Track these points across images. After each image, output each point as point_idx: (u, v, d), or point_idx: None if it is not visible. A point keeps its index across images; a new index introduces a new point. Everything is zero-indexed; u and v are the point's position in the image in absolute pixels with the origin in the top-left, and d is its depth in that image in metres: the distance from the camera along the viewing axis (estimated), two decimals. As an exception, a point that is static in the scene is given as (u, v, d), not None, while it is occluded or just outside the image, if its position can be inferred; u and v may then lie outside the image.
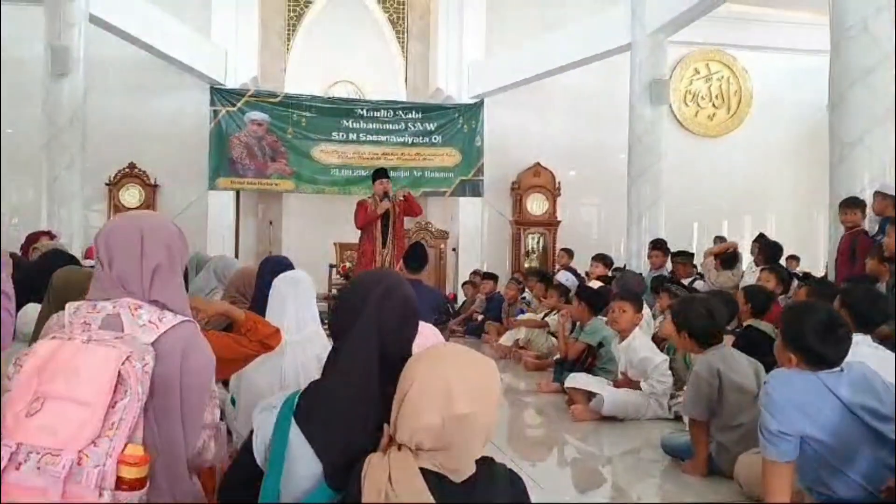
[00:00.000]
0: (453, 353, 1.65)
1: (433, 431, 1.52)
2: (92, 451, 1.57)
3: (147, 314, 1.77)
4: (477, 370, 1.60)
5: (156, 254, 1.83)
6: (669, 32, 9.71)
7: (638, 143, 9.78)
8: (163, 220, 1.95)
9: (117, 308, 1.76)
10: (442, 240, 12.28)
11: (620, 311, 5.07)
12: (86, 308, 1.78)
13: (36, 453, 1.56)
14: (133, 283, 1.80)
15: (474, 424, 1.53)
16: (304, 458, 1.70)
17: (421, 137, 12.48)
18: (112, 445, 1.58)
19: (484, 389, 1.57)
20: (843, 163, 6.11)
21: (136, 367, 1.62)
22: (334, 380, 1.76)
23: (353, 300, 1.81)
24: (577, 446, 4.55)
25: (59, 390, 1.60)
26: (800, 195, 13.53)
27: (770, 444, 2.61)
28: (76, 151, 8.75)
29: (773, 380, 2.70)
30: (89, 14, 8.86)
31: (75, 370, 1.61)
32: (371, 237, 7.88)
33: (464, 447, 1.54)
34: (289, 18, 13.21)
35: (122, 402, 1.61)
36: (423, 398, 1.53)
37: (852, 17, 6.04)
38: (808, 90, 12.95)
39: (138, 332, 1.73)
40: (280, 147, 12.09)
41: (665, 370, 4.87)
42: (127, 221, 1.90)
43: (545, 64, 11.54)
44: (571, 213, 13.20)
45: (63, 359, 1.63)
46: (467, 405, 1.52)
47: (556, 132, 13.01)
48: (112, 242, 1.83)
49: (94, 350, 1.64)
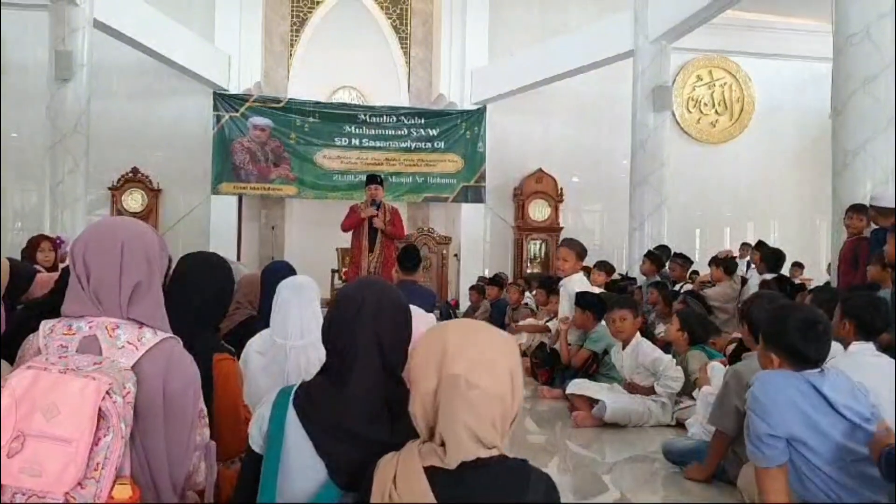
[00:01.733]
0: (459, 322, 1.63)
1: (431, 396, 1.47)
2: (79, 493, 1.51)
3: (125, 334, 1.69)
4: (482, 338, 1.52)
5: (136, 269, 1.74)
6: (672, 39, 9.72)
7: (640, 149, 9.78)
8: (143, 229, 1.84)
9: (94, 329, 1.68)
10: (444, 245, 12.27)
11: (622, 319, 5.06)
12: (61, 328, 1.70)
13: (22, 494, 1.52)
14: (110, 300, 1.71)
15: (471, 392, 1.43)
16: (300, 448, 1.73)
17: (423, 143, 12.50)
18: (100, 487, 1.52)
19: (488, 359, 1.48)
20: (846, 170, 6.10)
21: (116, 401, 1.54)
22: (341, 389, 1.76)
23: (345, 316, 1.81)
24: (579, 453, 4.54)
25: (38, 428, 1.51)
26: (802, 202, 13.53)
27: (759, 450, 2.60)
28: (80, 156, 8.79)
29: (759, 382, 2.68)
30: (93, 19, 8.90)
31: (54, 405, 1.51)
32: (358, 242, 7.82)
33: (456, 417, 1.43)
34: (292, 24, 13.25)
35: (106, 439, 1.53)
36: (424, 362, 1.50)
37: (855, 24, 6.03)
38: (810, 97, 12.99)
39: (117, 354, 1.65)
40: (283, 152, 12.10)
41: (675, 368, 4.88)
42: (106, 232, 1.77)
43: (548, 70, 11.54)
44: (574, 219, 13.20)
45: (40, 392, 1.53)
46: (463, 367, 1.45)
47: (559, 138, 13.03)
48: (90, 257, 1.72)
49: (71, 382, 1.54)
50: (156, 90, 12.03)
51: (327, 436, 1.72)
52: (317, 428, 1.73)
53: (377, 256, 7.75)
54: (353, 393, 1.74)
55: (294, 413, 1.75)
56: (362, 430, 1.70)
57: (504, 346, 1.53)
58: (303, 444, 1.73)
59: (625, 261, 11.01)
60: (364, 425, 1.71)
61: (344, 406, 1.73)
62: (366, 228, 7.74)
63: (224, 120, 11.85)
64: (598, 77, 11.85)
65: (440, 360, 1.47)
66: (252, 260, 12.11)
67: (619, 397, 4.91)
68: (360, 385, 1.75)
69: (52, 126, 8.70)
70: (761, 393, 2.63)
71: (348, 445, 1.70)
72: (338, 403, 1.74)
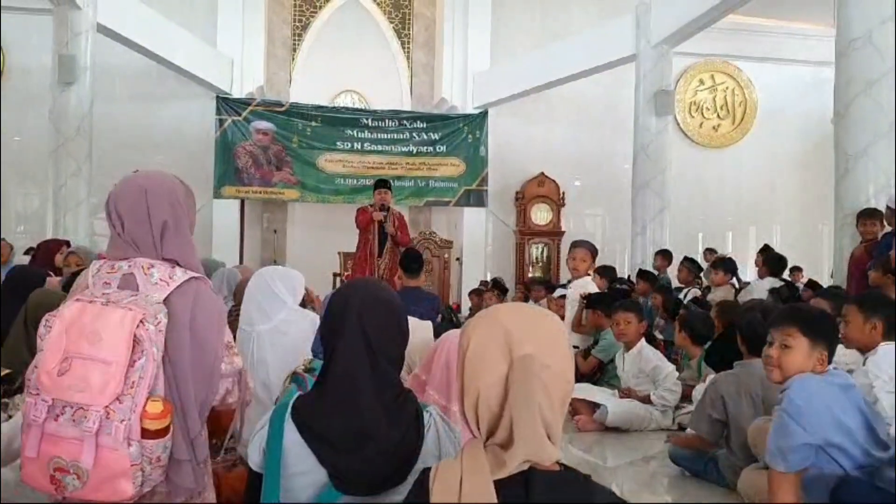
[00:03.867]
0: (508, 305, 1.52)
1: (499, 385, 1.35)
2: (117, 407, 1.75)
3: (158, 272, 1.92)
4: (537, 317, 1.44)
5: (161, 212, 1.96)
6: (674, 43, 9.72)
7: (642, 153, 9.79)
8: (166, 178, 2.07)
9: (132, 268, 1.92)
10: (446, 249, 12.26)
11: (626, 322, 5.05)
12: (105, 268, 1.95)
13: (70, 407, 1.77)
14: (144, 242, 1.95)
15: (545, 372, 1.34)
16: (301, 459, 1.74)
17: (425, 147, 12.51)
18: (135, 402, 1.76)
19: (548, 335, 1.40)
20: (848, 174, 6.10)
21: (149, 329, 1.79)
22: (331, 388, 1.78)
23: (333, 314, 1.84)
24: (581, 457, 4.53)
25: (84, 351, 1.78)
26: (804, 206, 13.51)
27: (784, 456, 2.57)
28: (83, 159, 8.78)
29: (796, 387, 2.63)
30: (97, 23, 8.89)
31: (97, 332, 1.78)
32: (367, 245, 7.83)
33: (532, 401, 1.32)
34: (295, 28, 13.26)
35: (140, 361, 1.78)
36: (485, 350, 1.38)
37: (857, 28, 6.04)
38: (812, 101, 12.98)
39: (151, 289, 1.89)
40: (285, 156, 12.12)
41: (675, 380, 4.87)
42: (131, 183, 2.01)
43: (550, 74, 11.54)
44: (576, 223, 13.18)
45: (86, 321, 1.80)
46: (532, 347, 1.35)
47: (561, 142, 13.03)
48: (120, 207, 1.96)
49: (112, 312, 1.80)
50: (158, 94, 12.04)
51: (326, 444, 1.73)
52: (316, 437, 1.74)
53: (385, 262, 7.76)
54: (344, 394, 1.75)
55: (292, 425, 1.76)
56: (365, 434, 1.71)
57: (557, 322, 1.47)
58: (303, 453, 1.75)
59: (627, 265, 11.00)
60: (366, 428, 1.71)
61: (339, 411, 1.74)
62: (375, 233, 7.75)
63: (227, 124, 11.88)
64: (600, 81, 11.86)
65: (505, 343, 1.37)
66: (254, 264, 12.08)
67: (620, 402, 4.91)
68: (349, 383, 1.75)
69: (55, 129, 8.70)
70: (801, 398, 2.59)
71: (348, 452, 1.70)
72: (333, 409, 1.75)
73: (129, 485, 1.76)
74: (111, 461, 1.75)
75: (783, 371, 2.74)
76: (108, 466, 1.75)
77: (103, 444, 1.75)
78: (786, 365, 2.72)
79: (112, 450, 1.74)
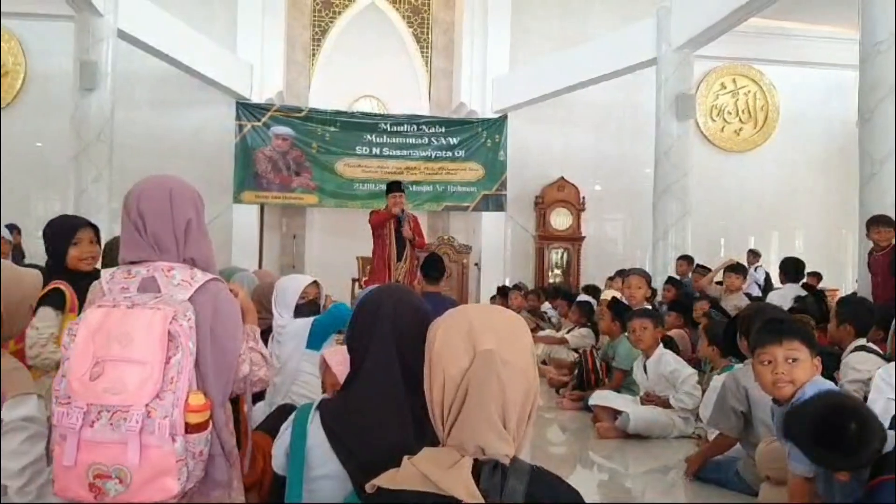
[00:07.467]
0: (474, 305, 1.61)
1: (459, 377, 1.40)
2: (158, 404, 1.77)
3: (180, 274, 1.94)
4: (501, 315, 1.51)
5: (185, 211, 2.00)
6: (695, 47, 9.64)
7: (664, 157, 9.71)
8: (186, 181, 2.11)
9: (151, 272, 1.94)
10: (465, 254, 12.24)
11: (642, 328, 4.99)
12: (121, 274, 1.96)
13: (106, 411, 1.76)
14: (167, 242, 1.97)
15: (504, 368, 1.38)
16: (325, 462, 1.76)
17: (444, 152, 12.50)
18: (177, 396, 1.78)
19: (511, 333, 1.45)
20: (874, 179, 6.02)
21: (182, 325, 1.82)
22: (360, 393, 1.79)
23: (365, 316, 1.86)
24: (602, 464, 4.49)
25: (115, 354, 1.79)
26: (828, 211, 13.37)
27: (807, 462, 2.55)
28: (103, 165, 8.85)
29: (813, 392, 2.65)
30: (118, 29, 8.97)
31: (127, 334, 1.79)
32: (384, 252, 7.70)
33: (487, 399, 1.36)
34: (314, 34, 13.31)
35: (176, 357, 1.80)
36: (448, 342, 1.43)
37: (881, 31, 5.96)
38: (836, 105, 12.86)
39: (174, 290, 1.90)
40: (304, 161, 12.15)
41: (695, 384, 4.79)
42: (155, 184, 2.04)
43: (569, 78, 11.48)
44: (596, 229, 13.10)
45: (113, 325, 1.81)
46: (493, 342, 1.40)
47: (581, 147, 12.97)
48: (144, 206, 1.98)
49: (140, 314, 1.81)
50: (178, 100, 12.12)
51: (351, 447, 1.73)
52: (340, 440, 1.75)
53: (405, 267, 7.67)
54: (373, 399, 1.76)
55: (318, 427, 1.77)
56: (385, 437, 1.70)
57: (519, 321, 1.52)
58: (327, 456, 1.75)
59: (649, 270, 10.91)
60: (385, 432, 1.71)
61: (365, 414, 1.75)
62: (393, 238, 7.65)
63: (246, 129, 11.93)
64: (620, 85, 11.78)
65: (469, 337, 1.42)
66: (273, 269, 12.12)
67: (643, 409, 4.85)
68: (378, 388, 1.76)
69: (77, 135, 8.77)
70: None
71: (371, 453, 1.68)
72: (360, 413, 1.75)
73: (174, 482, 1.77)
74: (156, 459, 1.76)
75: (794, 384, 2.75)
76: (154, 465, 1.76)
77: (147, 443, 1.75)
78: (797, 377, 2.74)
79: (157, 447, 1.75)
